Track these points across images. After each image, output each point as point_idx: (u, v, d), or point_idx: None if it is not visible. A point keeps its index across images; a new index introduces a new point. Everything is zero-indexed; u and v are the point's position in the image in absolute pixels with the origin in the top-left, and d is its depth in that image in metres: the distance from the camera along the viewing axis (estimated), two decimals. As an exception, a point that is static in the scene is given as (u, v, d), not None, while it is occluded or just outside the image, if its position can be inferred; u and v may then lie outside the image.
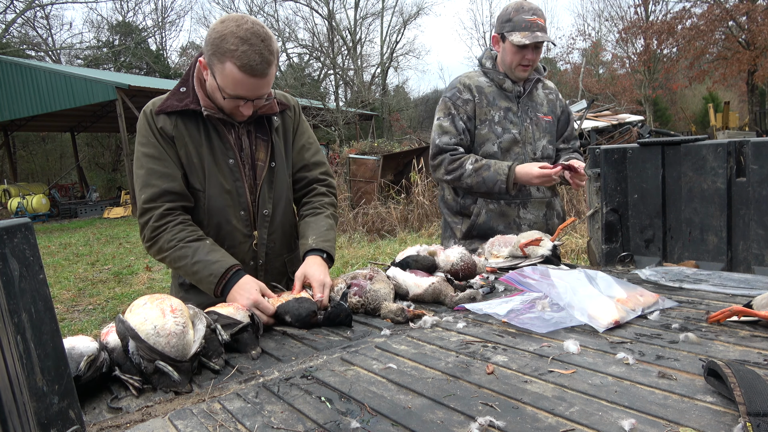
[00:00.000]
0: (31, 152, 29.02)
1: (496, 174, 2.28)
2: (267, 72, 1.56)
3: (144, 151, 1.70)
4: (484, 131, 2.38)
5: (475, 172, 2.31)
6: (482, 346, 1.24)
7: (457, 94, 2.41)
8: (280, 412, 0.98)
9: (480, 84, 2.42)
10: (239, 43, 1.50)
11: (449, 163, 2.37)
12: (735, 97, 30.79)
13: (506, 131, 2.37)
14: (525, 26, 2.27)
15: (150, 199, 1.67)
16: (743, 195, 1.83)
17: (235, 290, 1.57)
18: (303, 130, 1.96)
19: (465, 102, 2.39)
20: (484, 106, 2.38)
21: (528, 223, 2.42)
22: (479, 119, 2.39)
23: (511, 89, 2.40)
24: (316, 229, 1.82)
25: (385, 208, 9.00)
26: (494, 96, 2.39)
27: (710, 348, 1.14)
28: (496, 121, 2.37)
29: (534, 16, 2.29)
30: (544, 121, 2.44)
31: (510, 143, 2.38)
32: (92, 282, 7.09)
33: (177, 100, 1.70)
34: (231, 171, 1.75)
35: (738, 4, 22.32)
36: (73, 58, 31.01)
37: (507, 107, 2.39)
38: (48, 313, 0.87)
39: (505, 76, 2.40)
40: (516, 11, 2.31)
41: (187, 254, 1.63)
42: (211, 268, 1.60)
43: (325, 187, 1.99)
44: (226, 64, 1.53)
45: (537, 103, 2.45)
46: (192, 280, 1.68)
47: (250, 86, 1.57)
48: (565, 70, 31.42)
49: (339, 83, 27.82)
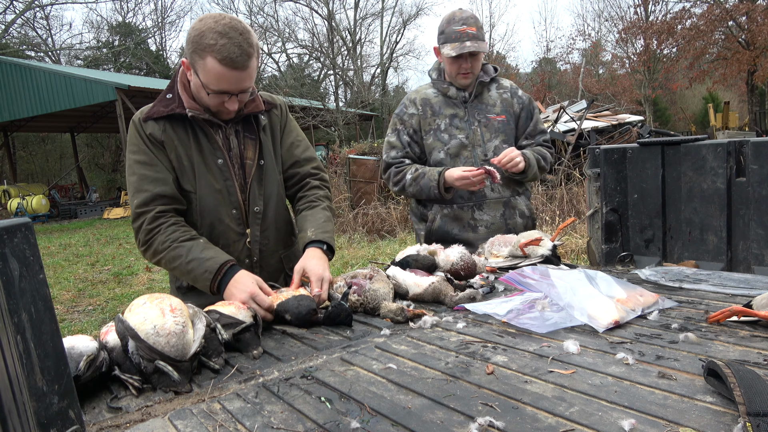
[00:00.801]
0: (30, 153, 29.03)
1: (429, 181, 2.37)
2: (248, 64, 1.58)
3: (135, 159, 1.73)
4: (429, 141, 2.47)
5: (414, 181, 2.42)
6: (482, 346, 1.24)
7: (404, 110, 2.53)
8: (280, 412, 0.98)
9: (426, 96, 2.51)
10: (218, 38, 1.53)
11: (394, 176, 2.49)
12: (735, 97, 30.78)
13: (453, 137, 2.44)
14: (455, 37, 2.32)
15: (142, 203, 1.69)
16: (743, 195, 1.83)
17: (231, 285, 1.58)
18: (291, 128, 1.99)
19: (410, 116, 2.50)
20: (429, 116, 2.47)
21: (485, 225, 2.45)
22: (424, 130, 2.48)
23: (455, 96, 2.47)
24: (314, 221, 1.84)
25: (385, 208, 9.00)
26: (440, 105, 2.48)
27: (710, 348, 1.14)
28: (443, 129, 2.45)
29: (463, 26, 2.33)
30: (496, 121, 2.48)
31: (458, 148, 2.43)
32: (92, 282, 7.09)
33: (163, 106, 1.73)
34: (220, 171, 1.77)
35: (738, 4, 22.32)
36: (72, 58, 31.03)
37: (453, 114, 2.46)
38: (48, 313, 0.87)
39: (450, 84, 2.47)
40: (447, 23, 2.36)
41: (181, 254, 1.64)
42: (206, 265, 1.61)
43: (318, 181, 2.02)
44: (207, 60, 1.55)
45: (488, 105, 2.49)
46: (188, 279, 1.68)
47: (232, 79, 1.59)
48: (565, 71, 31.42)
49: (339, 83, 27.81)
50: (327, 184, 2.05)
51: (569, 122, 10.43)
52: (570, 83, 26.90)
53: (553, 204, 7.47)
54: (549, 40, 51.55)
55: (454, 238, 2.41)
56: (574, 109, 11.60)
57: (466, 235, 2.43)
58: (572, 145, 9.12)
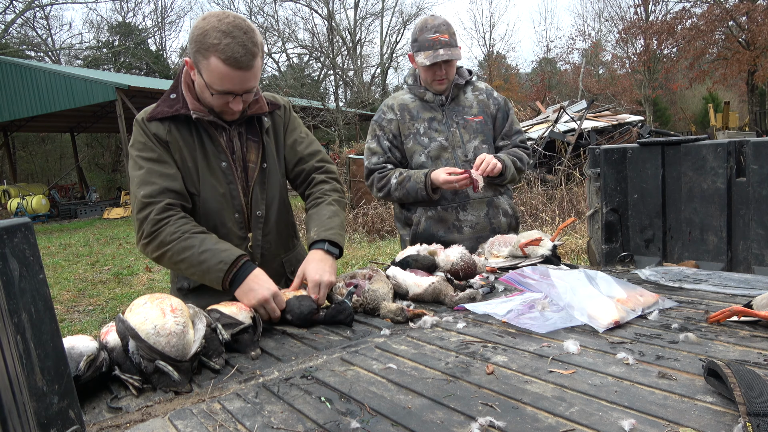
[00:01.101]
0: (30, 153, 29.03)
1: (416, 183, 2.38)
2: (252, 64, 1.56)
3: (143, 155, 1.68)
4: (410, 144, 2.48)
5: (399, 185, 2.42)
6: (482, 346, 1.24)
7: (382, 116, 2.53)
8: (280, 412, 0.98)
9: (404, 101, 2.52)
10: (222, 37, 1.50)
11: (378, 181, 2.49)
12: (735, 97, 30.79)
13: (432, 140, 2.45)
14: (428, 45, 2.33)
15: (150, 194, 1.63)
16: (743, 195, 1.83)
17: (252, 280, 1.53)
18: (294, 126, 1.96)
19: (389, 122, 2.51)
20: (407, 121, 2.48)
21: (469, 225, 2.46)
22: (404, 135, 2.49)
23: (432, 100, 2.49)
24: (318, 219, 1.81)
25: (385, 208, 9.00)
26: (417, 109, 2.49)
27: (710, 348, 1.14)
28: (422, 133, 2.47)
29: (436, 34, 2.33)
30: (474, 122, 2.50)
31: (438, 150, 2.45)
32: (92, 282, 7.09)
33: (167, 106, 1.71)
34: (224, 174, 1.75)
35: (738, 4, 22.32)
36: (72, 58, 31.03)
37: (431, 117, 2.48)
38: (48, 313, 0.87)
39: (426, 89, 2.49)
40: (420, 30, 2.37)
41: (193, 244, 1.58)
42: (221, 255, 1.56)
43: (323, 174, 1.97)
44: (210, 59, 1.52)
45: (464, 107, 2.51)
46: (198, 270, 1.59)
47: (236, 79, 1.56)
48: (565, 71, 31.44)
49: (339, 83, 27.81)
50: (334, 175, 2.00)
51: (569, 122, 10.44)
52: (570, 83, 26.92)
53: (553, 204, 7.47)
54: (549, 40, 51.64)
55: (439, 239, 2.41)
56: (574, 109, 11.60)
57: (451, 237, 2.44)
58: (572, 145, 9.12)
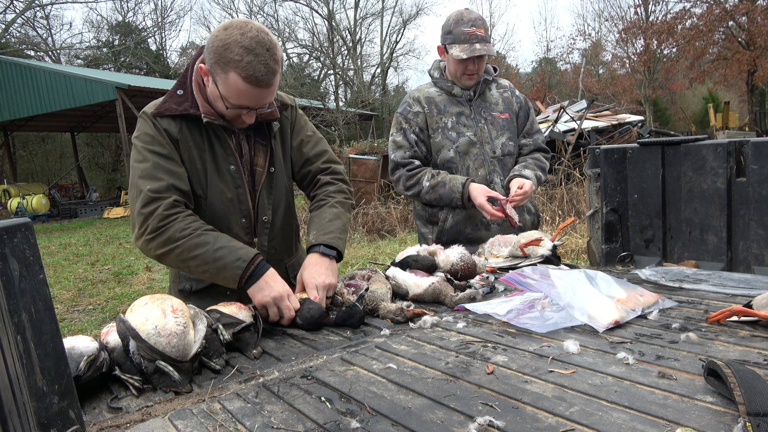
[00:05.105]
0: (31, 152, 29.03)
1: (451, 192, 2.35)
2: (272, 82, 1.52)
3: (150, 148, 1.61)
4: (438, 139, 2.45)
5: (432, 189, 2.39)
6: (482, 346, 1.24)
7: (408, 108, 2.49)
8: (280, 412, 0.98)
9: (430, 95, 2.49)
10: (244, 54, 1.45)
11: (407, 179, 2.45)
12: (735, 97, 30.78)
13: (461, 135, 2.43)
14: (464, 39, 2.31)
15: (158, 189, 1.56)
16: (743, 195, 1.83)
17: (269, 277, 1.51)
18: (300, 126, 1.92)
19: (415, 114, 2.46)
20: (435, 114, 2.45)
21: (497, 222, 2.45)
22: (431, 128, 2.46)
23: (460, 94, 2.47)
24: (318, 223, 1.79)
25: (385, 208, 9.00)
26: (445, 103, 2.46)
27: (710, 348, 1.15)
28: (450, 127, 2.44)
29: (473, 28, 2.32)
30: (501, 119, 2.49)
31: (467, 146, 2.43)
32: (92, 282, 7.09)
33: (176, 103, 1.65)
34: (232, 178, 1.71)
35: (738, 4, 22.32)
36: (73, 58, 31.02)
37: (459, 112, 2.45)
38: (48, 313, 0.87)
39: (453, 83, 2.47)
40: (456, 23, 2.35)
41: (207, 240, 1.53)
42: (238, 253, 1.52)
43: (329, 176, 1.94)
44: (229, 74, 1.48)
45: (491, 103, 2.50)
46: (211, 268, 1.53)
47: (254, 96, 1.53)
48: (565, 70, 31.43)
49: (339, 83, 27.82)
50: (340, 175, 1.97)
51: (569, 122, 10.44)
52: (570, 83, 26.90)
53: (553, 204, 7.47)
54: (549, 40, 51.55)
55: (466, 237, 2.40)
56: (574, 109, 11.61)
57: (479, 234, 2.43)
58: (572, 145, 9.13)
